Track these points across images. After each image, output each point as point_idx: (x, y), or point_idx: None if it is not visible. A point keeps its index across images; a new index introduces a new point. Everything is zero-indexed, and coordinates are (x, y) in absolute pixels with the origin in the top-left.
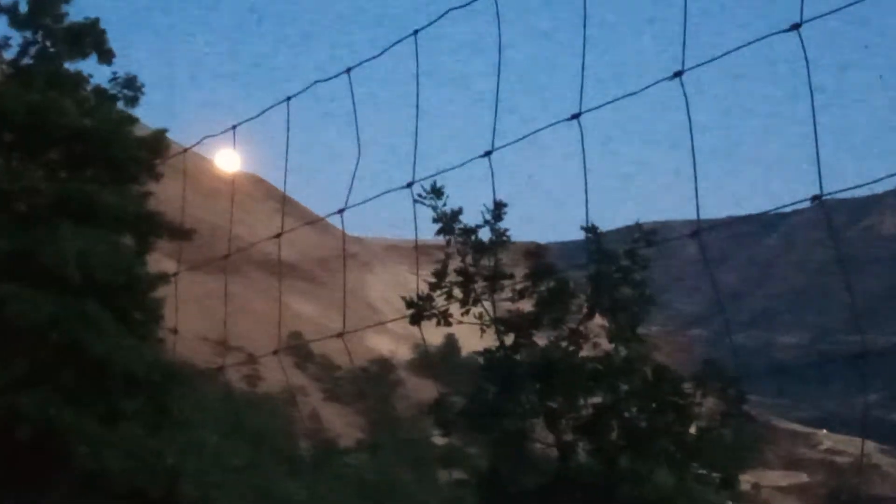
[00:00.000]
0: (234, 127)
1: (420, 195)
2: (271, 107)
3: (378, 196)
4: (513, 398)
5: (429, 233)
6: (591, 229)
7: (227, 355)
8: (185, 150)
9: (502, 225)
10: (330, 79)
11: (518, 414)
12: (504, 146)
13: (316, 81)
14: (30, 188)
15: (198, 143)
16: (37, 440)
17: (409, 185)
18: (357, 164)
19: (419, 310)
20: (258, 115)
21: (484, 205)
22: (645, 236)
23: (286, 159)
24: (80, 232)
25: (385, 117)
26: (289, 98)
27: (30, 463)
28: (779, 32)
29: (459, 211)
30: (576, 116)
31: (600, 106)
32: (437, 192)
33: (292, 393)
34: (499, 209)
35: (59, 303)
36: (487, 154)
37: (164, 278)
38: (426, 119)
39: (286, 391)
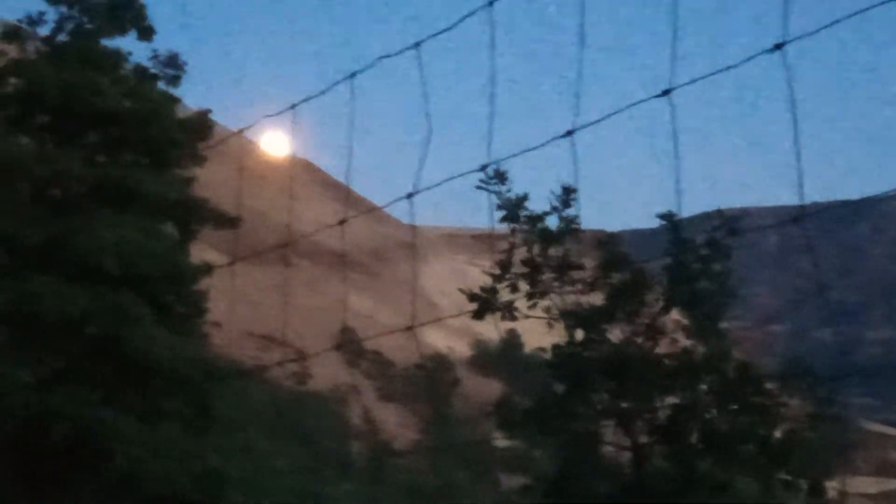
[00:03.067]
0: (293, 106)
1: (482, 180)
2: (336, 83)
3: (450, 179)
4: (583, 398)
5: (489, 221)
6: (667, 216)
7: (274, 351)
8: (240, 132)
9: (571, 212)
10: (397, 53)
11: (589, 415)
12: (589, 125)
13: (381, 57)
14: (64, 173)
15: (254, 123)
16: (72, 440)
17: (484, 167)
18: (428, 145)
19: (483, 303)
20: (321, 93)
21: (551, 191)
22: (727, 223)
23: (351, 141)
24: (118, 220)
25: (451, 97)
26: (353, 74)
27: (64, 464)
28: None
29: (525, 197)
30: (667, 93)
31: (692, 81)
32: (501, 176)
33: (343, 392)
34: (567, 195)
35: (95, 296)
36: (569, 134)
37: (207, 269)
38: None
39: (337, 390)
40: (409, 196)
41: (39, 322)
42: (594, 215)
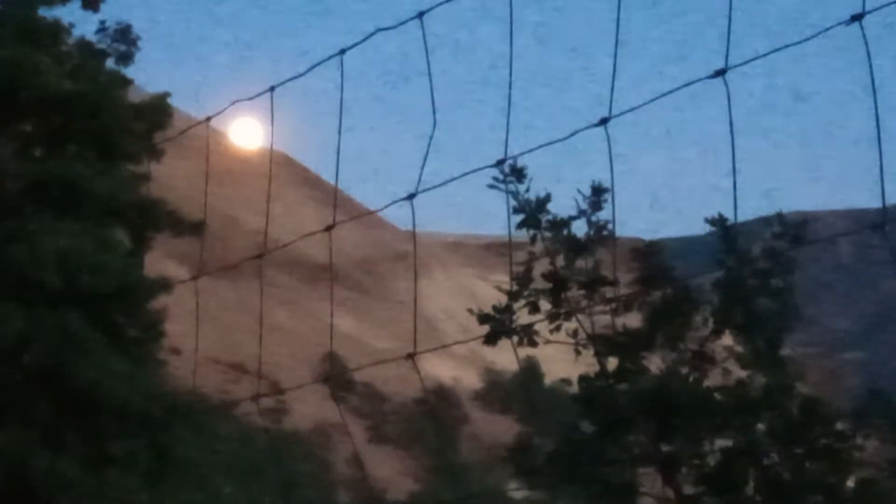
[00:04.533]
0: (272, 88)
1: (496, 178)
2: (323, 61)
3: (462, 176)
4: (617, 440)
5: (501, 227)
6: (718, 221)
7: (244, 382)
8: (208, 119)
9: (603, 216)
10: (397, 26)
11: (624, 460)
12: (626, 112)
13: (379, 30)
14: None
15: (225, 109)
16: (5, 490)
17: (500, 162)
18: (432, 134)
19: (496, 326)
20: (305, 73)
21: (578, 190)
22: (790, 230)
23: (340, 131)
24: (60, 225)
25: (457, 81)
26: (343, 51)
27: None
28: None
29: (548, 198)
30: (721, 73)
31: (752, 60)
32: (518, 173)
33: (328, 432)
34: (598, 195)
35: (32, 316)
36: (604, 122)
37: (165, 284)
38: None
39: (320, 429)
40: (411, 197)
41: None
42: (629, 220)
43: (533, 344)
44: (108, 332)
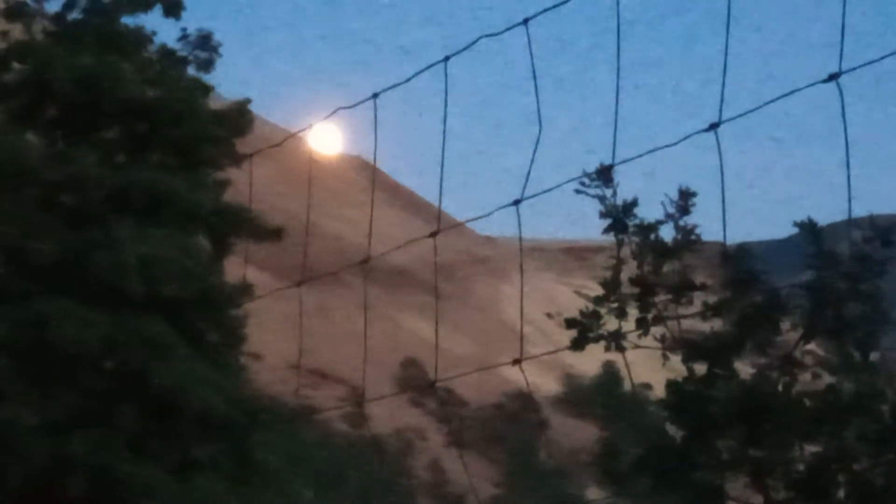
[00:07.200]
0: (374, 96)
1: (583, 182)
2: (427, 68)
3: (566, 183)
4: (706, 445)
5: (586, 231)
6: (808, 225)
7: (324, 388)
8: (311, 126)
9: (690, 220)
10: (502, 32)
11: (713, 465)
12: (737, 117)
13: (483, 36)
14: (79, 177)
15: (332, 113)
16: (90, 494)
17: (607, 168)
18: (538, 140)
19: (583, 331)
20: (407, 81)
21: (666, 195)
22: (880, 233)
23: (444, 136)
24: (143, 232)
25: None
26: (447, 58)
27: None
28: None
29: (635, 202)
30: (834, 77)
31: (866, 64)
32: (606, 177)
33: (408, 437)
34: (686, 199)
35: (116, 322)
36: (713, 127)
37: (247, 291)
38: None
39: (400, 435)
40: (517, 202)
41: (50, 353)
42: (713, 224)
43: (621, 349)
44: (190, 337)
